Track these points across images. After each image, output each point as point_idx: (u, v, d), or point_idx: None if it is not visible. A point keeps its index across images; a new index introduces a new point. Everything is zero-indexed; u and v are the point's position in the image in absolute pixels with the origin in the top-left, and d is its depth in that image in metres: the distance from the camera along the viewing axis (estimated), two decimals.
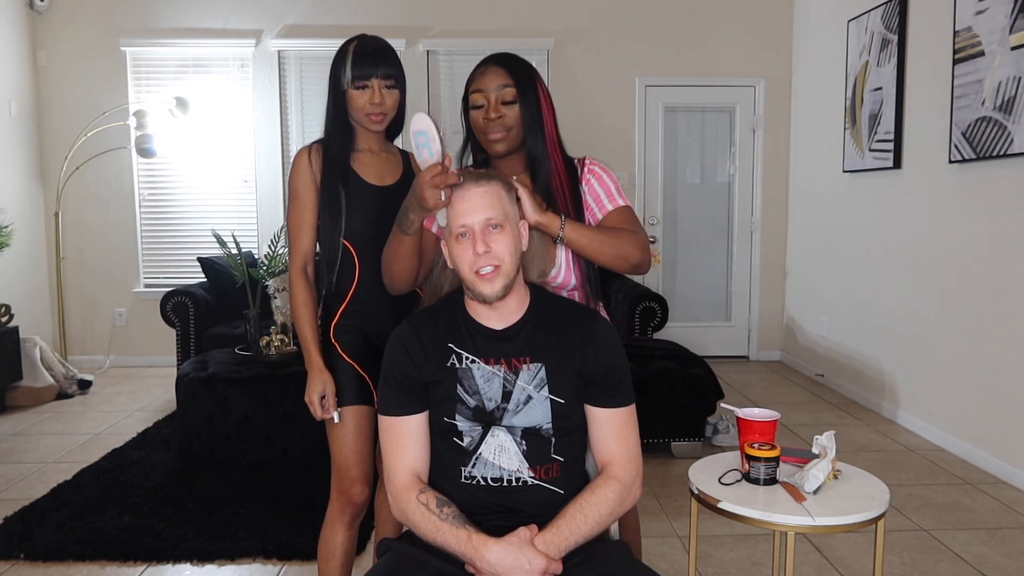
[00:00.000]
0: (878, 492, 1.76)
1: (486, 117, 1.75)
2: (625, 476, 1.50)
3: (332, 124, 1.96)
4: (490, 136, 1.76)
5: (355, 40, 1.94)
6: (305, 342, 1.94)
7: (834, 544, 2.83)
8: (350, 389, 1.94)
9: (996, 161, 3.54)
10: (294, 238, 1.97)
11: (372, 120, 1.92)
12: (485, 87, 1.75)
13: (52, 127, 5.71)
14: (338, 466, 1.95)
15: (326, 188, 1.94)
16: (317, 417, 1.94)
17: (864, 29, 4.68)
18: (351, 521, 1.99)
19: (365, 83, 1.89)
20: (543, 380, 1.50)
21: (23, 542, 2.82)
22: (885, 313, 4.51)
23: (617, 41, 5.71)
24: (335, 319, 1.98)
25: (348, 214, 1.92)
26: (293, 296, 1.96)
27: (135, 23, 5.67)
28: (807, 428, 4.23)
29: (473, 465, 1.50)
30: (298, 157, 1.97)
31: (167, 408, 4.63)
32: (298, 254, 1.96)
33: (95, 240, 5.80)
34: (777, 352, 6.07)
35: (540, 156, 1.77)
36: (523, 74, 1.77)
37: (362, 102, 1.90)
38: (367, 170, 1.98)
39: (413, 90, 5.72)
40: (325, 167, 1.94)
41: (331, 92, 1.95)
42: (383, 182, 1.99)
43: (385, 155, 2.03)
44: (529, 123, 1.75)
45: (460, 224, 1.48)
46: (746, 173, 5.96)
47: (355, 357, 1.96)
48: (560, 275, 1.78)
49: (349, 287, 1.97)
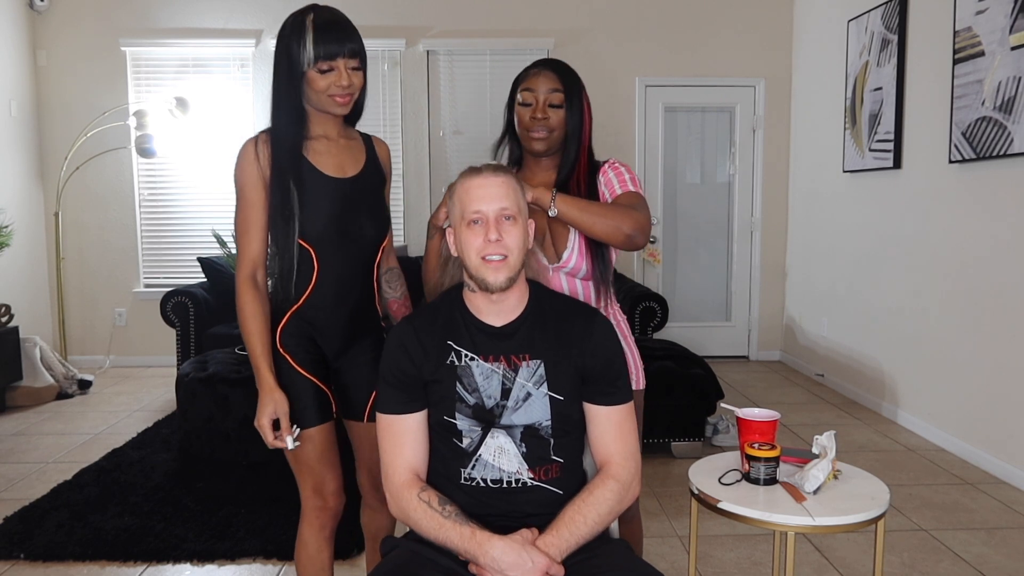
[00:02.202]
0: (878, 492, 1.76)
1: (533, 116, 1.83)
2: (623, 474, 1.50)
3: (282, 109, 1.72)
4: (533, 135, 1.84)
5: (310, 11, 1.70)
6: (255, 358, 1.72)
7: (834, 544, 2.83)
8: (311, 408, 1.75)
9: (996, 161, 3.54)
10: (241, 240, 1.73)
11: (338, 102, 1.71)
12: (536, 88, 1.84)
13: (52, 127, 5.71)
14: (313, 486, 1.80)
15: (276, 184, 1.70)
16: (269, 444, 1.71)
17: (864, 29, 4.68)
18: (332, 534, 1.87)
19: (331, 64, 1.67)
20: (542, 377, 1.50)
21: (23, 542, 2.82)
22: (885, 313, 4.51)
23: (617, 41, 5.71)
24: (282, 322, 1.76)
25: (303, 213, 1.70)
26: (241, 307, 1.72)
27: (135, 23, 5.67)
28: (807, 428, 4.23)
29: (473, 467, 1.50)
30: (243, 149, 1.72)
31: (167, 408, 4.63)
32: (246, 259, 1.73)
33: (95, 240, 5.80)
34: (777, 352, 6.07)
35: (572, 160, 1.86)
36: (572, 83, 1.86)
37: (325, 84, 1.69)
38: (324, 160, 1.76)
39: (413, 90, 5.75)
40: (274, 159, 1.71)
41: (281, 72, 1.71)
42: (343, 174, 1.78)
43: (345, 142, 1.82)
44: (571, 129, 1.85)
45: (475, 210, 1.47)
46: (746, 173, 5.96)
47: (312, 370, 1.77)
48: (572, 259, 1.82)
49: (303, 291, 1.76)
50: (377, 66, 5.70)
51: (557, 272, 1.85)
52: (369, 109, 5.67)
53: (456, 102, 5.78)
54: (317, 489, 1.81)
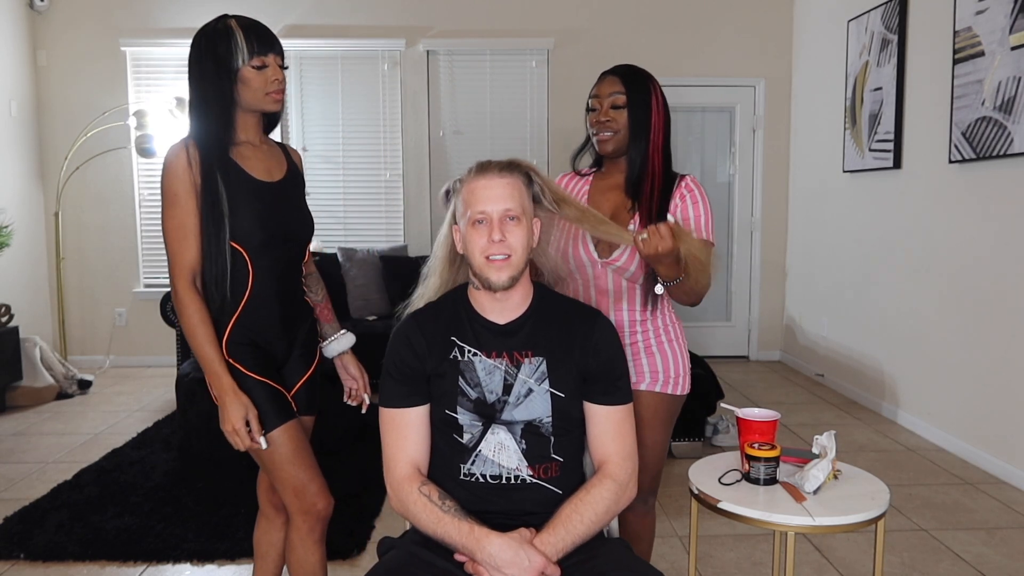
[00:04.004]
0: (878, 492, 1.76)
1: (597, 120, 1.91)
2: (621, 474, 1.51)
3: (210, 113, 1.71)
4: (599, 137, 1.92)
5: (230, 17, 1.74)
6: (210, 363, 1.69)
7: (834, 544, 2.83)
8: (271, 410, 1.74)
9: (996, 161, 3.54)
10: (177, 247, 1.70)
11: (274, 98, 1.74)
12: (600, 93, 1.92)
13: (52, 127, 5.71)
14: (294, 489, 1.77)
15: (206, 187, 1.68)
16: (243, 447, 1.70)
17: (864, 29, 4.68)
18: (322, 536, 1.84)
19: (263, 60, 1.71)
20: (544, 374, 1.51)
21: (23, 542, 2.82)
22: (885, 313, 4.51)
23: (617, 41, 5.71)
24: (226, 333, 1.75)
25: (234, 216, 1.70)
26: (186, 315, 1.69)
27: (135, 23, 5.67)
28: (807, 428, 4.23)
29: (472, 462, 1.51)
30: (174, 157, 1.69)
31: (167, 408, 4.63)
32: (184, 266, 1.70)
33: (95, 240, 5.80)
34: (777, 352, 6.07)
35: (639, 159, 1.90)
36: (636, 84, 1.91)
37: (260, 81, 1.71)
38: (252, 164, 1.77)
39: (413, 90, 5.75)
40: (203, 162, 1.69)
41: (207, 75, 1.70)
42: (271, 178, 1.79)
43: (266, 148, 1.83)
44: (635, 128, 1.89)
45: (480, 210, 1.48)
46: (746, 173, 5.96)
47: (262, 372, 1.76)
48: (623, 257, 1.85)
49: (241, 297, 1.75)
50: (377, 66, 5.70)
51: (605, 268, 1.87)
52: (369, 109, 5.75)
53: (456, 102, 5.78)
54: (298, 492, 1.78)
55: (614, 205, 1.92)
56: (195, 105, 1.73)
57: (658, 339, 1.92)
